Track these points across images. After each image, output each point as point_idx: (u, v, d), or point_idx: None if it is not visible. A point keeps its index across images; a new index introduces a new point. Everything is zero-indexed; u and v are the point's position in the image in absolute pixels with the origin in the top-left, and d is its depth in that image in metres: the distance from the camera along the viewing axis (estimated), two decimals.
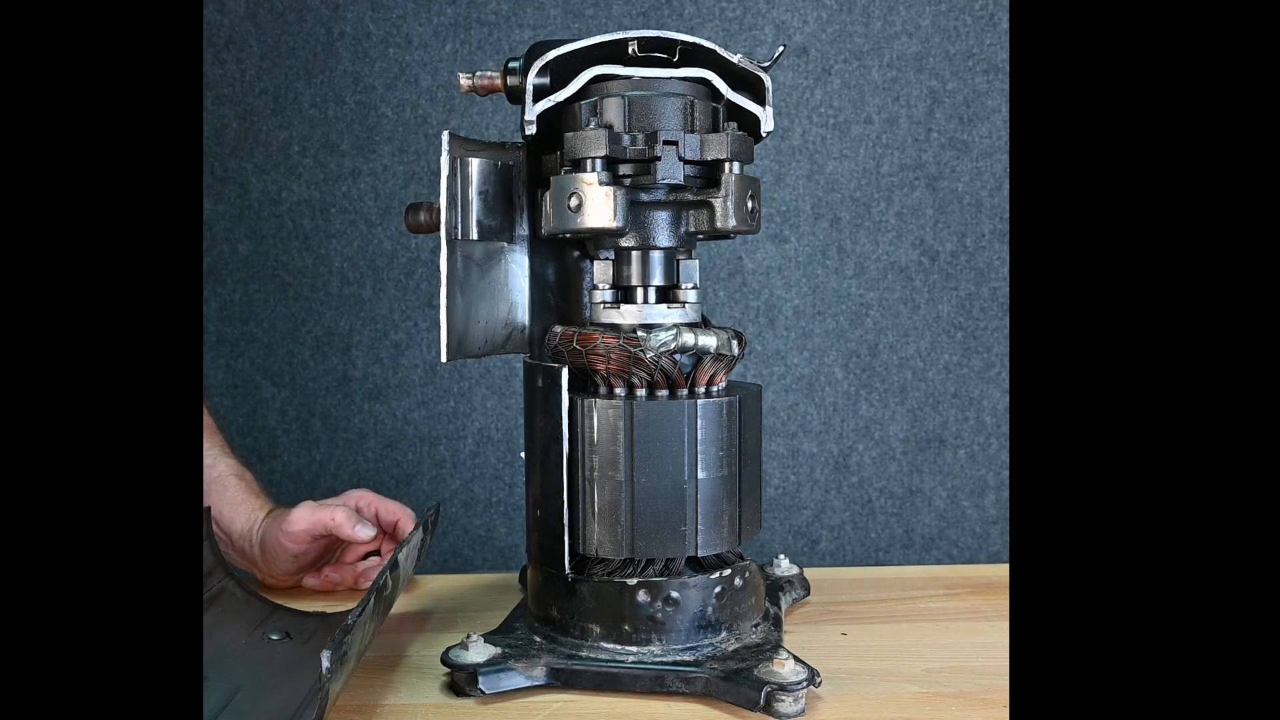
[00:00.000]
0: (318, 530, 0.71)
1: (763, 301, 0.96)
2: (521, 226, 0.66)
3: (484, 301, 0.64)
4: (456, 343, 0.61)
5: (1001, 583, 0.79)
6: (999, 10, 0.95)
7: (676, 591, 0.59)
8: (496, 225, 0.64)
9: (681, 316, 0.61)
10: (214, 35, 0.91)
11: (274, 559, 0.72)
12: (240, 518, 0.73)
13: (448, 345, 0.60)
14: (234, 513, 0.73)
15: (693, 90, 0.60)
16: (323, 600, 0.72)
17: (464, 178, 0.62)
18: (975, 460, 0.97)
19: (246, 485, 0.75)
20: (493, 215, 0.64)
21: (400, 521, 0.74)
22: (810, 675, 0.55)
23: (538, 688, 0.58)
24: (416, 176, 0.93)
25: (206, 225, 0.92)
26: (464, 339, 0.62)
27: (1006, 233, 0.96)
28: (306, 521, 0.71)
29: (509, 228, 0.65)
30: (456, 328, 0.61)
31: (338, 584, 0.74)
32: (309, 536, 0.71)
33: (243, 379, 0.93)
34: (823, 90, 0.95)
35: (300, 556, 0.72)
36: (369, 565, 0.75)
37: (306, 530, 0.71)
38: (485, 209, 0.63)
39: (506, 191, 0.65)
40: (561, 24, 0.93)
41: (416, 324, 0.94)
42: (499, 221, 0.65)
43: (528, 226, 0.66)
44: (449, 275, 0.60)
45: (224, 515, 0.73)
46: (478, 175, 0.63)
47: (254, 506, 0.74)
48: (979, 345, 0.97)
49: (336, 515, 0.70)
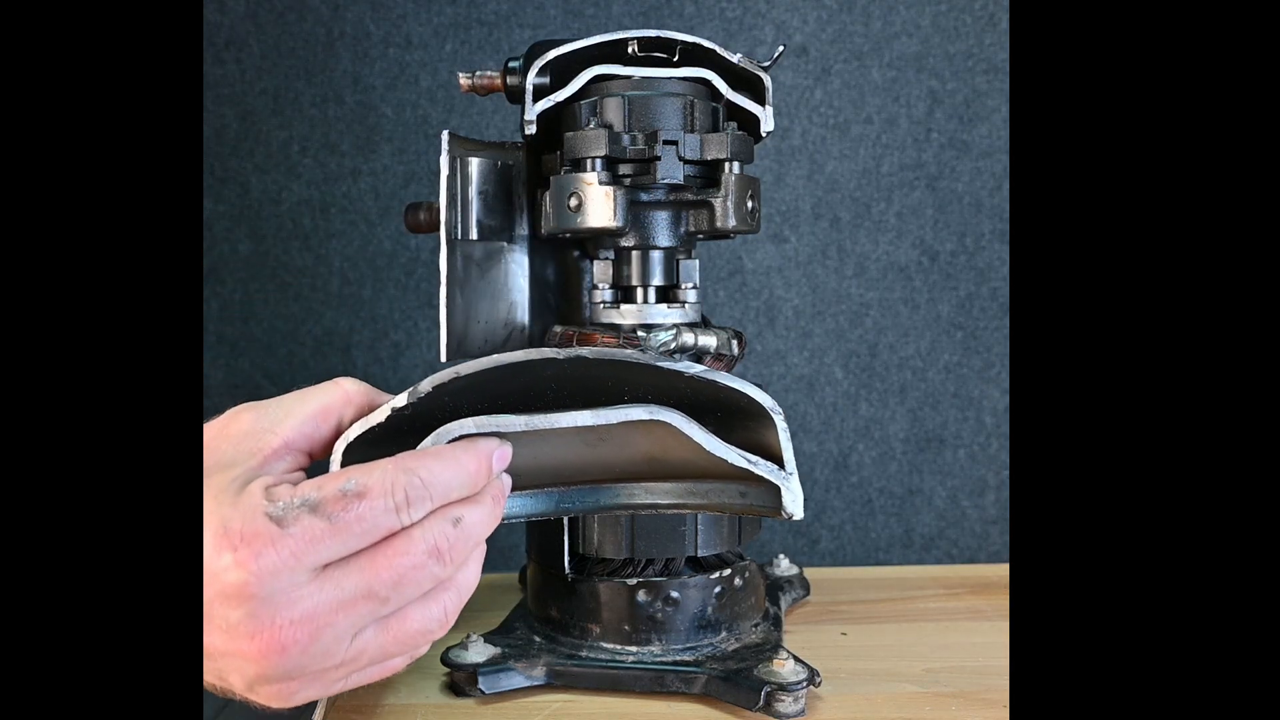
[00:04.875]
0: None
1: (763, 301, 0.96)
2: (521, 226, 0.66)
3: (484, 301, 0.64)
4: (456, 343, 0.61)
5: (1001, 583, 0.79)
6: (999, 10, 0.95)
7: (676, 591, 0.60)
8: (496, 225, 0.64)
9: (681, 316, 0.61)
10: (214, 35, 0.91)
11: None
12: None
13: (447, 345, 0.60)
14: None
15: (693, 90, 0.60)
16: None
17: (464, 177, 0.62)
18: (975, 460, 0.98)
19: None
20: (492, 215, 0.64)
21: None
22: (810, 675, 0.55)
23: (538, 688, 0.58)
24: (416, 176, 0.93)
25: (206, 225, 0.92)
26: (464, 339, 0.62)
27: (1006, 233, 0.96)
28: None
29: (509, 227, 0.65)
30: (456, 328, 0.61)
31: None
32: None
33: (243, 379, 0.93)
34: (823, 90, 0.95)
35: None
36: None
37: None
38: (485, 209, 0.63)
39: (506, 191, 0.65)
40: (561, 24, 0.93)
41: (416, 324, 0.94)
42: (499, 221, 0.65)
43: (527, 226, 0.66)
44: (449, 275, 0.60)
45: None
46: (478, 175, 0.63)
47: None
48: (979, 345, 0.97)
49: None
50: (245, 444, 0.44)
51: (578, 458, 0.51)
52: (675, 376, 0.46)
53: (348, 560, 0.41)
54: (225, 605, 0.39)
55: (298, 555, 0.40)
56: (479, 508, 0.45)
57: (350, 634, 0.42)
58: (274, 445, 0.44)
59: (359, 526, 0.41)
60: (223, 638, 0.40)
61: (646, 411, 0.47)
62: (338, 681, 0.43)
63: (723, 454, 0.48)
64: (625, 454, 0.51)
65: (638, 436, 0.50)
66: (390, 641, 0.43)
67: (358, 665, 0.43)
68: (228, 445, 0.44)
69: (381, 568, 0.42)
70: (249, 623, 0.39)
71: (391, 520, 0.42)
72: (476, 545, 0.45)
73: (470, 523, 0.44)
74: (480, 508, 0.45)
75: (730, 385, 0.47)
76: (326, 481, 0.42)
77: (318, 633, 0.40)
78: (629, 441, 0.50)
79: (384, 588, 0.42)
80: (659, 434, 0.49)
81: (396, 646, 0.44)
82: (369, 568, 0.41)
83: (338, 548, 0.41)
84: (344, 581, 0.41)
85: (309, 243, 0.93)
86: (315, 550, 0.40)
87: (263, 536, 0.39)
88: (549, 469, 0.51)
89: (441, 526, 0.43)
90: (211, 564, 0.39)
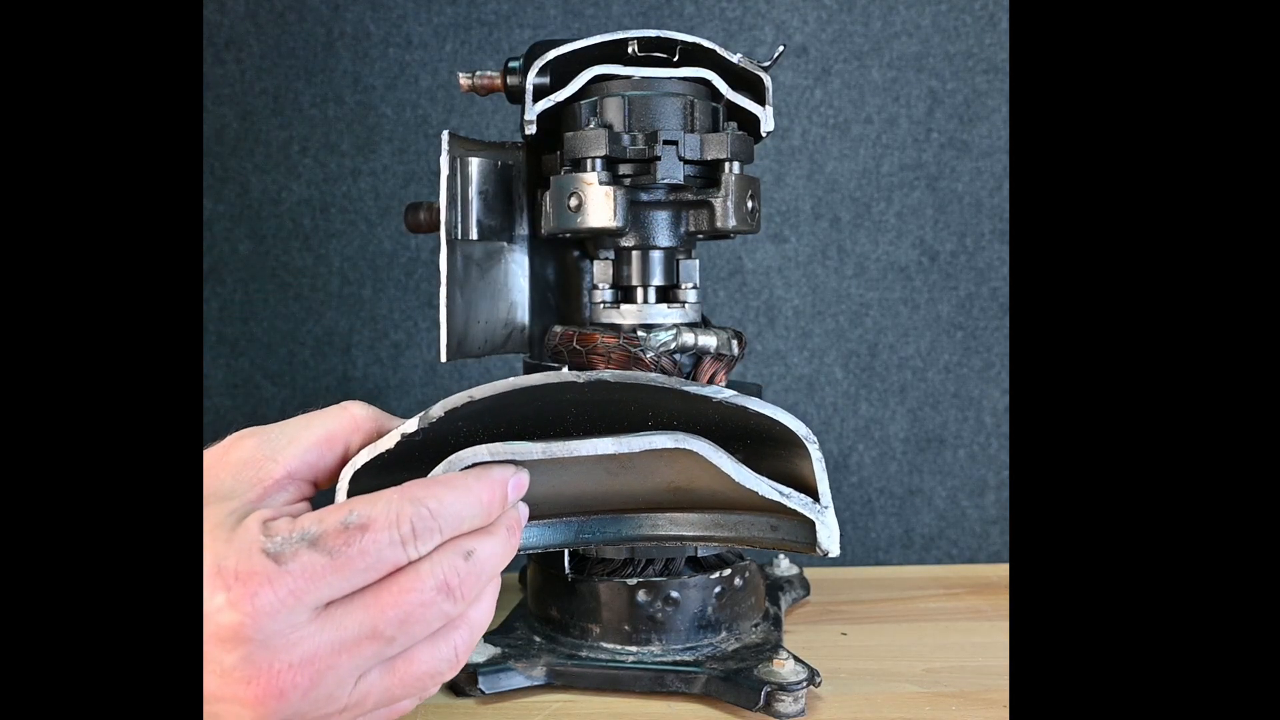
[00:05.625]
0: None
1: (763, 301, 0.96)
2: (521, 226, 0.66)
3: (484, 301, 0.64)
4: (456, 343, 0.61)
5: (1001, 583, 0.79)
6: (999, 10, 0.95)
7: (676, 591, 0.60)
8: (496, 225, 0.64)
9: (681, 316, 0.61)
10: (214, 35, 0.91)
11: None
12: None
13: (448, 345, 0.60)
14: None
15: (693, 90, 0.60)
16: None
17: (464, 177, 0.62)
18: (975, 460, 0.97)
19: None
20: (493, 215, 0.64)
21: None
22: (810, 675, 0.55)
23: (538, 688, 0.58)
24: (416, 176, 0.93)
25: (206, 225, 0.92)
26: (464, 339, 0.62)
27: (1006, 233, 0.96)
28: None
29: (509, 228, 0.65)
30: (456, 328, 0.61)
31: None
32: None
33: (243, 379, 0.93)
34: (823, 90, 0.95)
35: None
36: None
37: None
38: (485, 209, 0.63)
39: (506, 191, 0.65)
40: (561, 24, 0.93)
41: (416, 324, 0.94)
42: (499, 221, 0.65)
43: (528, 226, 0.66)
44: (449, 275, 0.60)
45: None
46: (478, 175, 0.63)
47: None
48: (979, 345, 0.97)
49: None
50: (245, 473, 0.42)
51: (598, 486, 0.49)
52: (702, 402, 0.44)
53: (351, 598, 0.39)
54: (220, 648, 0.37)
55: (296, 594, 0.37)
56: (492, 539, 0.42)
57: (354, 677, 0.40)
58: (276, 476, 0.42)
59: (362, 562, 0.39)
60: (218, 682, 0.37)
61: (672, 439, 0.45)
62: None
63: (753, 486, 0.45)
64: (649, 483, 0.48)
65: (662, 465, 0.47)
66: (397, 684, 0.41)
67: (362, 710, 0.41)
68: (227, 474, 0.42)
69: (387, 605, 0.39)
70: (245, 667, 0.37)
71: (397, 554, 0.39)
72: (490, 580, 0.43)
73: (483, 556, 0.42)
74: (494, 539, 0.42)
75: (761, 412, 0.44)
76: (328, 514, 0.39)
77: (319, 676, 0.38)
78: (653, 470, 0.48)
79: (390, 627, 0.39)
80: (684, 463, 0.47)
81: (403, 689, 0.41)
82: (373, 605, 0.39)
83: (340, 585, 0.38)
84: (346, 621, 0.39)
85: (309, 243, 0.93)
86: (315, 588, 0.38)
87: (259, 575, 0.37)
88: (568, 498, 0.49)
89: (452, 560, 0.41)
90: (205, 604, 0.37)
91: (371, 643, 0.39)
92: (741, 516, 0.49)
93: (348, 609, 0.39)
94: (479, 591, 0.42)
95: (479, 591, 0.42)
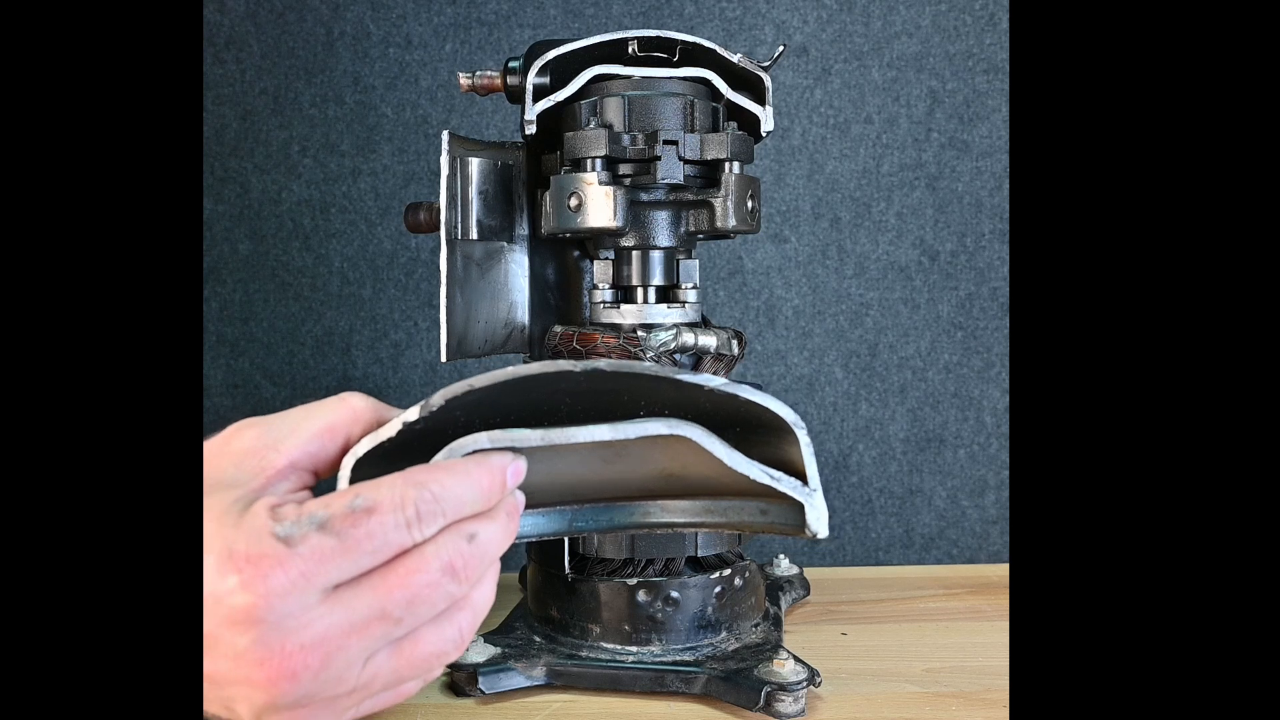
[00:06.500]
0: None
1: (763, 301, 0.96)
2: (521, 226, 0.66)
3: (484, 301, 0.64)
4: (456, 343, 0.61)
5: (1001, 583, 0.79)
6: (999, 10, 0.95)
7: (676, 591, 0.60)
8: (496, 225, 0.64)
9: (681, 316, 0.61)
10: (214, 35, 0.91)
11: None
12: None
13: (448, 345, 0.60)
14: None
15: (693, 90, 0.60)
16: None
17: (464, 177, 0.62)
18: (975, 460, 0.97)
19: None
20: (492, 215, 0.64)
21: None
22: (810, 675, 0.55)
23: (538, 688, 0.58)
24: (416, 176, 0.93)
25: (206, 225, 0.92)
26: (464, 339, 0.62)
27: (1006, 233, 0.96)
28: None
29: (509, 227, 0.65)
30: (456, 328, 0.61)
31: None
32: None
33: (243, 379, 0.93)
34: (823, 90, 0.95)
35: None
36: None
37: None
38: (485, 209, 0.63)
39: (506, 191, 0.65)
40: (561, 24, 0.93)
41: (416, 324, 0.94)
42: (499, 221, 0.65)
43: (528, 226, 0.66)
44: (449, 275, 0.60)
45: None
46: (477, 175, 0.63)
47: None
48: (979, 345, 0.97)
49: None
50: (248, 463, 0.42)
51: (593, 474, 0.49)
52: (695, 390, 0.45)
53: (358, 580, 0.39)
54: (232, 630, 0.37)
55: (307, 576, 0.38)
56: (493, 523, 0.43)
57: (363, 658, 0.40)
58: (278, 465, 0.42)
59: (369, 544, 0.39)
60: (229, 665, 0.38)
61: (666, 426, 0.45)
62: (349, 709, 0.41)
63: (745, 469, 0.46)
64: (642, 470, 0.49)
65: (655, 452, 0.48)
66: (404, 664, 0.41)
67: (369, 692, 0.41)
68: (229, 463, 0.42)
69: (394, 586, 0.40)
70: (257, 648, 0.37)
71: (403, 536, 0.40)
72: (491, 563, 0.43)
73: (485, 539, 0.42)
74: (495, 523, 0.43)
75: (752, 399, 0.45)
76: (334, 499, 0.40)
77: (329, 658, 0.38)
78: (646, 457, 0.48)
79: (397, 608, 0.40)
80: (677, 449, 0.47)
81: (410, 670, 0.42)
82: (381, 587, 0.40)
83: (348, 567, 0.39)
84: (355, 603, 0.39)
85: (309, 243, 0.93)
86: (325, 570, 0.38)
87: (270, 557, 0.37)
88: (563, 486, 0.50)
89: (455, 543, 0.41)
90: (216, 588, 0.37)
91: (380, 623, 0.40)
92: (732, 502, 0.50)
93: (356, 591, 0.39)
94: (481, 574, 0.43)
95: (481, 574, 0.43)
